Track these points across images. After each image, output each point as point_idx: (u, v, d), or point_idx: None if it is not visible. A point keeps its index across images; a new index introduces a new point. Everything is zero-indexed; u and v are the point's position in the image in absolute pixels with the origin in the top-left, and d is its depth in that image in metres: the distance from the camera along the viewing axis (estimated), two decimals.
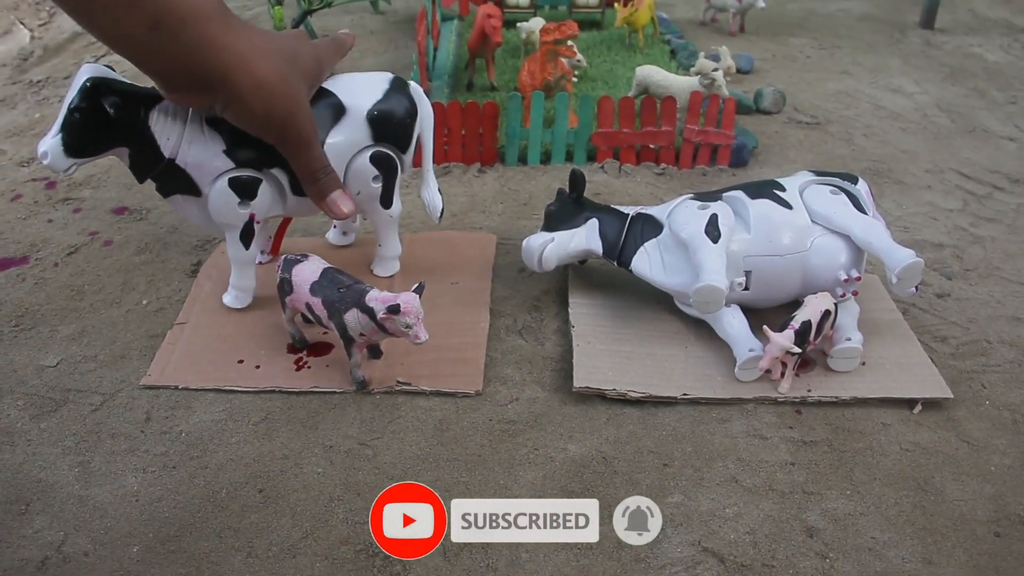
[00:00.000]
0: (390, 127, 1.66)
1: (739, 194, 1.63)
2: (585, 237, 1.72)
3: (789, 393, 1.50)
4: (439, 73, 2.92)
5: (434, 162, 2.16)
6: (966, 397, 1.53)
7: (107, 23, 1.23)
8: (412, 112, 1.69)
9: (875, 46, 3.43)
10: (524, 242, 1.75)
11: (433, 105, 1.79)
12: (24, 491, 1.35)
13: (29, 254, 2.01)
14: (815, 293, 1.54)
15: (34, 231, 2.11)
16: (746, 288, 1.59)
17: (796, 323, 1.47)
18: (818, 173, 1.70)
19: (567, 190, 1.77)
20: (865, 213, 1.61)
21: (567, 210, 1.75)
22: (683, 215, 1.61)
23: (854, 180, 1.68)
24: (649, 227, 1.68)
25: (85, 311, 1.79)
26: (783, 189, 1.63)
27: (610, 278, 1.82)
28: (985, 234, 2.05)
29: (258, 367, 1.59)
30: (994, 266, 1.92)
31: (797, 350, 1.44)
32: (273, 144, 1.48)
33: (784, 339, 1.44)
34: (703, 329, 1.66)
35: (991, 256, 1.96)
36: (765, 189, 1.64)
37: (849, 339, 1.54)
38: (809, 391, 1.51)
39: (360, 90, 1.66)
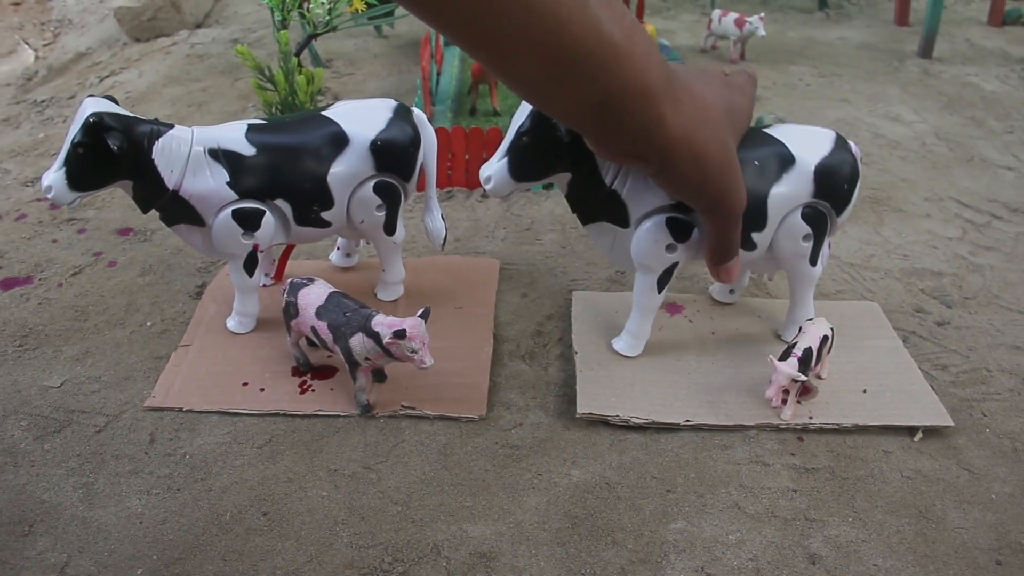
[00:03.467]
0: (393, 157, 1.67)
1: None
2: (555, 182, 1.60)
3: (791, 420, 1.51)
4: (442, 98, 2.94)
5: (437, 187, 2.18)
6: (966, 425, 1.54)
7: (555, 102, 1.15)
8: (415, 141, 1.70)
9: (874, 74, 3.47)
10: (491, 185, 1.54)
11: (437, 130, 1.80)
12: (27, 512, 1.36)
13: (33, 274, 2.02)
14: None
15: (38, 251, 2.12)
16: None
17: (798, 351, 1.48)
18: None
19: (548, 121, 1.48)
20: None
21: (543, 151, 1.51)
22: (649, 245, 1.55)
23: None
24: (618, 213, 1.57)
25: (89, 332, 1.80)
26: None
27: (613, 304, 1.83)
28: (984, 263, 2.06)
29: (262, 390, 1.59)
30: (993, 294, 1.93)
31: (803, 378, 1.45)
32: (700, 210, 1.40)
33: (789, 367, 1.45)
34: (705, 355, 1.67)
35: (990, 284, 1.97)
36: None
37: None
38: (811, 418, 1.52)
39: (363, 119, 1.67)
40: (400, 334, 1.38)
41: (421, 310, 1.43)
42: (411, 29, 3.87)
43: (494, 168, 1.50)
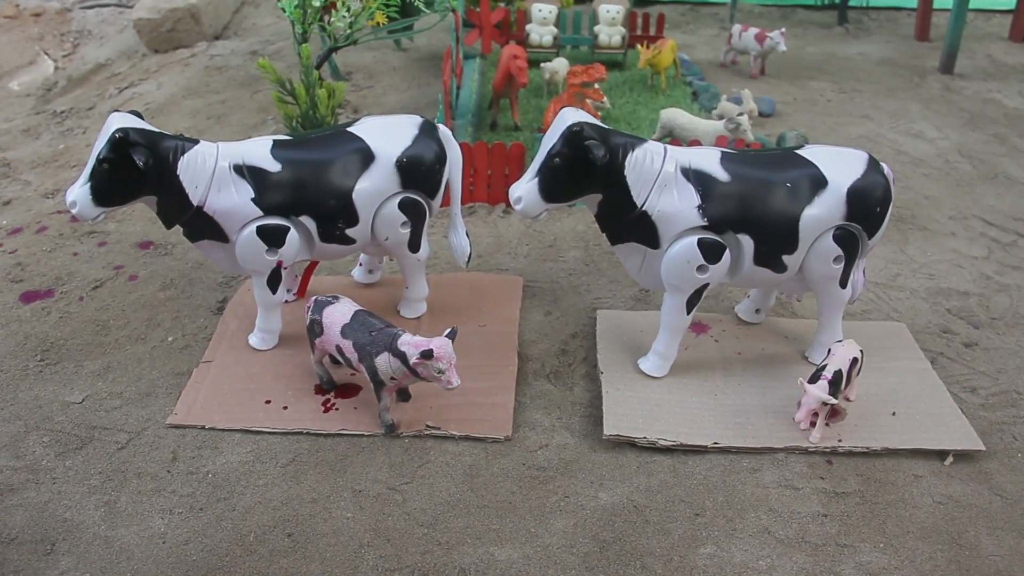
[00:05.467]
0: (419, 174, 1.66)
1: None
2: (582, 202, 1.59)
3: (820, 443, 1.49)
4: (462, 112, 2.93)
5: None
6: (998, 449, 1.52)
7: None
8: (441, 158, 1.69)
9: (895, 90, 3.44)
10: (521, 205, 1.52)
11: (460, 145, 1.79)
12: (49, 531, 1.35)
13: (54, 287, 2.01)
14: None
15: (59, 264, 2.11)
16: None
17: (828, 373, 1.47)
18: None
19: (593, 144, 1.46)
20: None
21: (575, 172, 1.50)
22: (680, 266, 1.54)
23: None
24: (649, 234, 1.55)
25: (110, 347, 1.79)
26: None
27: (639, 323, 1.81)
28: (1011, 282, 2.04)
29: (286, 408, 1.58)
30: (1021, 315, 1.91)
31: (833, 401, 1.44)
32: None
33: (820, 390, 1.44)
34: (732, 376, 1.65)
35: (1018, 305, 1.95)
36: None
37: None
38: (840, 441, 1.50)
39: (389, 135, 1.66)
40: (428, 354, 1.36)
41: (448, 330, 1.41)
42: (429, 42, 3.87)
43: (524, 188, 1.49)
